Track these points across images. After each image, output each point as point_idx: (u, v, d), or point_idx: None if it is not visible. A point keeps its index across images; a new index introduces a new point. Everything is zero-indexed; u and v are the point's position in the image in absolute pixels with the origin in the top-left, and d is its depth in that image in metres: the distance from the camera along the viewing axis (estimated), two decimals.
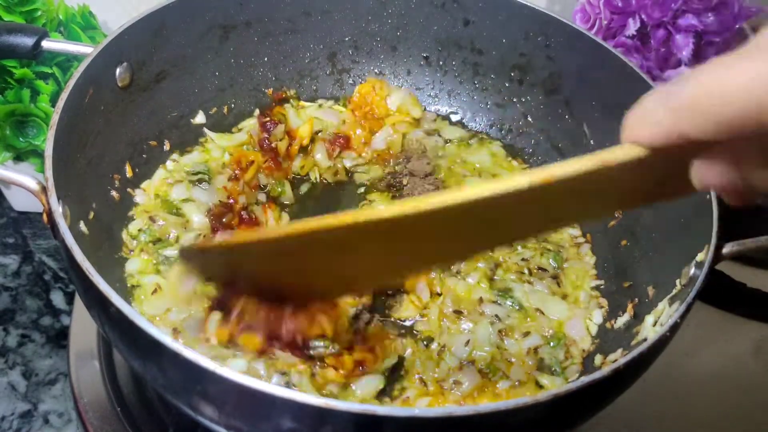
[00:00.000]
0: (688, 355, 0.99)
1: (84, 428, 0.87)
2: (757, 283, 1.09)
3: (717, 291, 1.07)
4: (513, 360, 0.84)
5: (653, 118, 0.42)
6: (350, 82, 1.14)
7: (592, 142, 1.01)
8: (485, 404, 0.56)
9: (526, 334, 0.87)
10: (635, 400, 0.73)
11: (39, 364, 1.02)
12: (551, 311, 0.89)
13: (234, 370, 0.55)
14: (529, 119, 1.10)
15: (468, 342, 0.85)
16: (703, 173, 0.44)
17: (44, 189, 0.69)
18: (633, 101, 0.43)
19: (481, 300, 0.89)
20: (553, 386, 0.81)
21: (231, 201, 0.95)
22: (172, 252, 0.89)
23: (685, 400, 0.96)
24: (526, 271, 0.93)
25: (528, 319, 0.88)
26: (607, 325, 0.88)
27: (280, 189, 1.02)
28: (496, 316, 0.88)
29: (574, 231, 1.00)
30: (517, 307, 0.89)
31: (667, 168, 0.45)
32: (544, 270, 0.94)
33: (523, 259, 0.94)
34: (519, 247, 0.96)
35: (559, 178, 0.47)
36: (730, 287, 1.08)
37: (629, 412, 0.87)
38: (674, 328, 0.66)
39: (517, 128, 1.11)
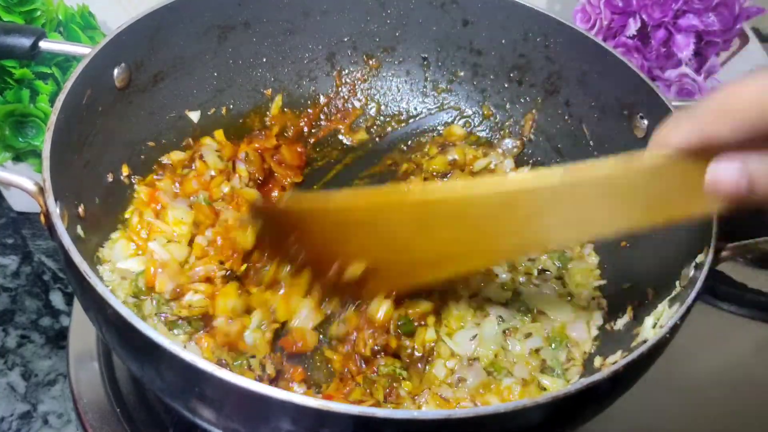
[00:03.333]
0: (689, 355, 0.99)
1: (83, 429, 0.86)
2: (757, 284, 1.08)
3: (718, 292, 1.07)
4: (515, 361, 0.84)
5: (680, 127, 0.54)
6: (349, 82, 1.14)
7: (591, 143, 1.00)
8: (484, 407, 0.56)
9: (528, 335, 0.86)
10: (636, 402, 0.73)
11: (38, 364, 1.02)
12: (556, 314, 0.89)
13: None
14: None
15: (475, 336, 0.85)
16: (716, 172, 0.54)
17: (42, 190, 0.69)
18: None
19: (489, 300, 0.89)
20: (555, 388, 0.81)
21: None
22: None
23: (686, 400, 0.96)
24: (535, 272, 0.93)
25: (531, 320, 0.88)
26: (607, 326, 0.87)
27: None
28: (500, 317, 0.87)
29: None
30: (523, 309, 0.89)
31: (684, 177, 0.54)
32: (548, 272, 0.93)
33: (530, 260, 0.94)
34: None
35: (587, 179, 0.55)
36: (730, 288, 1.08)
37: (630, 413, 0.87)
38: (674, 330, 0.66)
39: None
